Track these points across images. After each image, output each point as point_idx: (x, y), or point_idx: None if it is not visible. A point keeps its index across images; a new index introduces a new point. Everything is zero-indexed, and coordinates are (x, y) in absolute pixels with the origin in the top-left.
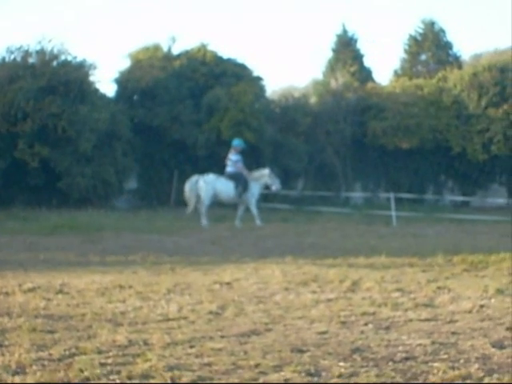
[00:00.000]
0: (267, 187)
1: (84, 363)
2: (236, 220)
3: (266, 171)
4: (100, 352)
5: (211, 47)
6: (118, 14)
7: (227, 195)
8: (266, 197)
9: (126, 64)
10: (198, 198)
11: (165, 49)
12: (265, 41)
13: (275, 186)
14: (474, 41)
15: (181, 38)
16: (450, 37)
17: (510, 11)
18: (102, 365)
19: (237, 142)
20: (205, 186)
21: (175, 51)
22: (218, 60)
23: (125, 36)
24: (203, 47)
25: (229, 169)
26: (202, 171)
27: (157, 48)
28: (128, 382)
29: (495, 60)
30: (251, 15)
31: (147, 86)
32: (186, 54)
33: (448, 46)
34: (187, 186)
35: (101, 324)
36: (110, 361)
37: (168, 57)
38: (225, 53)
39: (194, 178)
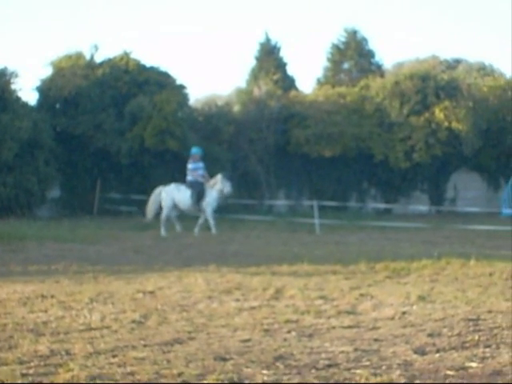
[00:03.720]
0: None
1: (5, 374)
2: (195, 228)
3: (218, 176)
4: (21, 362)
5: (134, 55)
6: (40, 22)
7: (184, 204)
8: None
9: (47, 72)
10: (162, 209)
11: (87, 57)
12: (188, 49)
13: (226, 188)
14: (395, 50)
15: (103, 46)
16: (372, 45)
17: (431, 21)
18: (24, 375)
19: (194, 150)
20: (164, 195)
21: (98, 59)
22: (141, 68)
23: (47, 44)
24: (126, 55)
25: (188, 177)
26: (126, 179)
27: (79, 56)
28: None
29: (416, 69)
30: (174, 23)
31: (70, 94)
32: (109, 63)
33: (370, 54)
34: (151, 198)
35: (22, 334)
36: (31, 371)
37: (90, 65)
38: (148, 61)
39: (158, 189)
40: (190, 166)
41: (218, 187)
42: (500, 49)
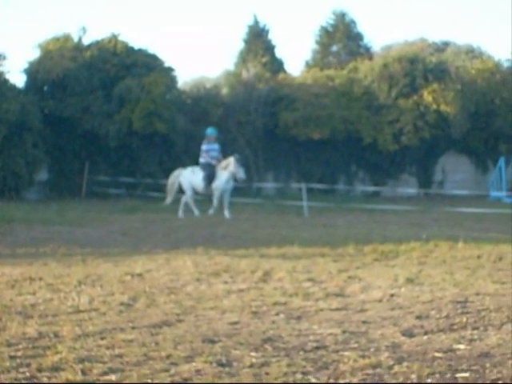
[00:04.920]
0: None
1: None
2: (224, 211)
3: (230, 159)
4: (9, 345)
5: (122, 38)
6: (28, 4)
7: (199, 186)
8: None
9: (35, 54)
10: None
11: (75, 39)
12: (176, 31)
13: (239, 174)
14: (384, 32)
15: (91, 28)
16: (360, 28)
17: (420, 3)
18: (12, 358)
19: (209, 131)
20: (182, 179)
21: (86, 42)
22: (129, 51)
23: (34, 26)
24: (114, 38)
25: (200, 159)
26: (114, 162)
27: (67, 38)
28: (38, 374)
29: (405, 51)
30: (162, 5)
31: (57, 76)
32: (97, 45)
33: (359, 37)
34: (170, 180)
35: (10, 317)
36: (19, 353)
37: (78, 47)
38: (136, 43)
39: (177, 171)
40: (203, 147)
41: (229, 169)
42: (488, 31)
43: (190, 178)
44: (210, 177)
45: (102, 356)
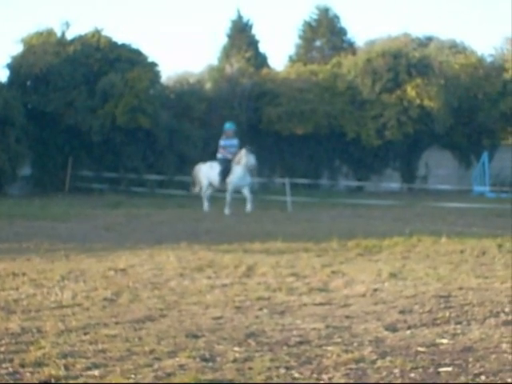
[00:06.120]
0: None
1: None
2: (247, 204)
3: (242, 151)
4: None
5: (105, 32)
6: None
7: (215, 182)
8: (162, 183)
9: (18, 49)
10: (202, 186)
11: (58, 34)
12: (160, 26)
13: (249, 161)
14: (367, 27)
15: (74, 23)
16: (344, 23)
17: None
18: None
19: (228, 126)
20: (201, 174)
21: (69, 36)
22: (113, 45)
23: (17, 21)
24: (97, 32)
25: (218, 155)
26: (97, 157)
27: (50, 33)
28: (21, 370)
29: (388, 46)
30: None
31: (41, 71)
32: (80, 40)
33: (342, 32)
34: (193, 172)
35: None
36: (2, 349)
37: (62, 42)
38: (119, 38)
39: (197, 166)
40: (221, 142)
41: (243, 162)
42: (471, 26)
43: (207, 172)
44: (225, 172)
45: (85, 351)
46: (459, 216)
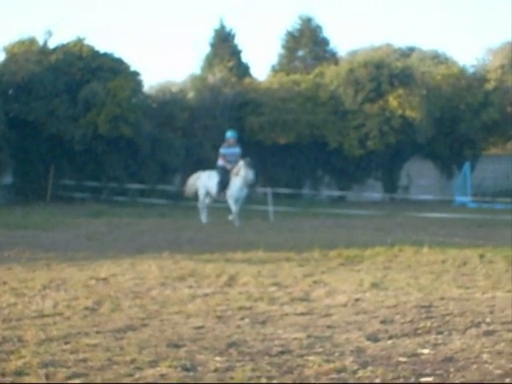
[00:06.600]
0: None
1: None
2: (232, 217)
3: (240, 163)
4: None
5: (88, 41)
6: None
7: (213, 192)
8: (144, 192)
9: (0, 57)
10: (199, 195)
11: (40, 42)
12: (142, 35)
13: (248, 176)
14: (350, 37)
15: (57, 31)
16: (326, 33)
17: (385, 9)
18: None
19: (229, 134)
20: (199, 182)
21: (51, 45)
22: (95, 54)
23: None
24: (80, 41)
25: (218, 162)
26: (79, 166)
27: (32, 42)
28: (1, 379)
29: (371, 56)
30: (128, 9)
31: (23, 80)
32: (63, 48)
33: (325, 42)
34: (189, 180)
35: None
36: None
37: (44, 51)
38: (102, 47)
39: (196, 174)
40: (222, 150)
41: (241, 174)
42: (453, 37)
43: (205, 182)
44: (223, 183)
45: (66, 360)
46: (441, 226)
